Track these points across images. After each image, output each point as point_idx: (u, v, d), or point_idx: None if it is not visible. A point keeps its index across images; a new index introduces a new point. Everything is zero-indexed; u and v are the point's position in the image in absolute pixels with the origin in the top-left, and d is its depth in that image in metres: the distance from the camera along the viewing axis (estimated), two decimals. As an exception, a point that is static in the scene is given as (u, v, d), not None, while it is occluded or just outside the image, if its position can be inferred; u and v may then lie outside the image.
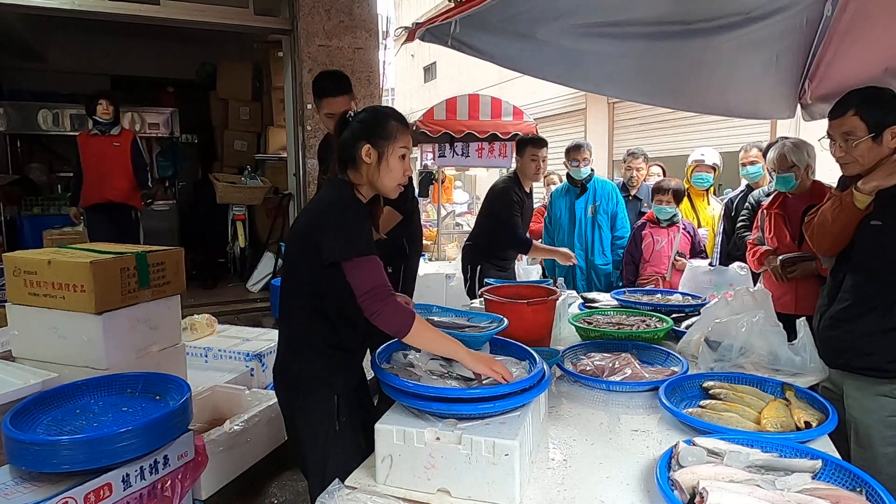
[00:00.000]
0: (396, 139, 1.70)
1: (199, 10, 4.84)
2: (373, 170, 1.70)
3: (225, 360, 3.24)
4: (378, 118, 1.73)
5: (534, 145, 3.69)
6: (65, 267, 2.18)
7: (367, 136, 1.69)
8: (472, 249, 3.95)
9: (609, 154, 11.23)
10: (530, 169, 3.70)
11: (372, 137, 1.68)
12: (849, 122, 1.90)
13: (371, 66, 5.24)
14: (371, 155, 1.68)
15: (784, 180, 2.76)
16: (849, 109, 1.91)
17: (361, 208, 1.71)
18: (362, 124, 1.71)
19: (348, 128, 1.73)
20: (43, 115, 6.28)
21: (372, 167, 1.69)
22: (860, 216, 1.89)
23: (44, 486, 1.67)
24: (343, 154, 1.73)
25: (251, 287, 5.62)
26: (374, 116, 1.74)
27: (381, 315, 1.53)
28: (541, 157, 3.68)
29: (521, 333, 1.87)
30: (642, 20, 2.51)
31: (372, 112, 1.77)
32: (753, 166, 3.78)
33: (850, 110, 1.90)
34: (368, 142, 1.68)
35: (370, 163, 1.69)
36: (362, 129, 1.70)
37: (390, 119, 1.73)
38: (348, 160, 1.72)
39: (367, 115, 1.74)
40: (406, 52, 21.47)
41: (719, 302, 2.20)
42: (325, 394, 1.72)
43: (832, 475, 1.26)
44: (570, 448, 1.52)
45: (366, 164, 1.70)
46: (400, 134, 1.71)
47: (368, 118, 1.73)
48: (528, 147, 3.69)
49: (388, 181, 1.71)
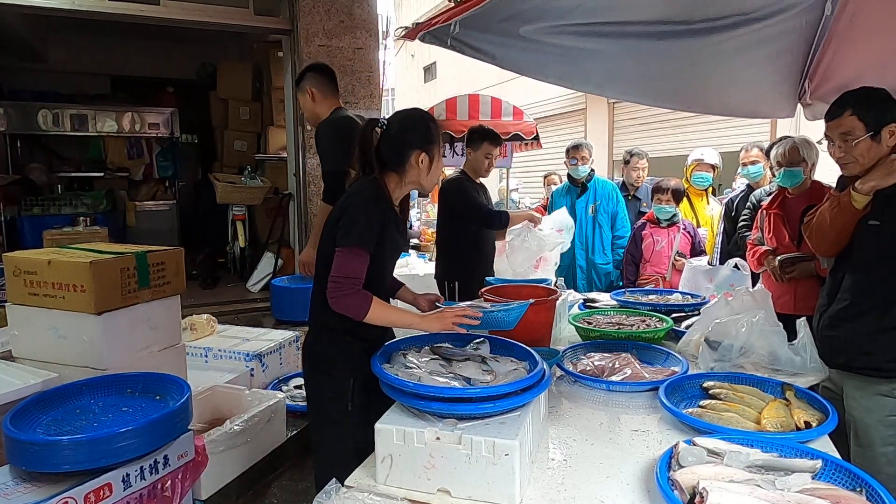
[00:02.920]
0: (439, 142, 1.83)
1: (199, 10, 4.83)
2: (422, 173, 1.81)
3: (225, 360, 3.24)
4: (423, 125, 1.83)
5: (491, 141, 3.34)
6: (65, 267, 2.17)
7: (418, 144, 1.78)
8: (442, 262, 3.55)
9: (609, 154, 11.24)
10: (482, 165, 3.36)
11: (423, 144, 1.78)
12: (847, 122, 1.91)
13: (371, 66, 5.24)
14: (423, 161, 1.79)
15: (791, 174, 2.75)
16: (846, 110, 1.91)
17: (386, 206, 1.78)
18: (409, 132, 1.80)
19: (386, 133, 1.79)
20: (43, 115, 6.27)
21: (422, 171, 1.80)
22: (858, 216, 1.90)
23: (44, 486, 1.67)
24: (388, 158, 1.80)
25: (251, 287, 5.61)
26: (418, 124, 1.83)
27: (338, 302, 1.65)
28: (494, 156, 3.38)
29: (521, 333, 1.87)
30: (642, 20, 2.51)
31: (413, 119, 1.85)
32: (754, 166, 3.78)
33: (847, 110, 1.91)
34: (423, 150, 1.78)
35: (422, 167, 1.80)
36: (411, 137, 1.79)
37: (431, 123, 1.84)
38: (395, 164, 1.80)
39: (411, 123, 1.82)
40: (406, 52, 21.47)
41: (719, 302, 2.20)
42: (341, 375, 1.79)
43: (832, 475, 1.26)
44: (570, 448, 1.52)
45: (416, 170, 1.80)
46: (439, 135, 1.83)
47: (414, 126, 1.81)
48: (485, 143, 3.34)
49: (432, 181, 1.86)
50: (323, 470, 1.90)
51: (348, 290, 1.65)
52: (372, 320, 1.67)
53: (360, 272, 1.66)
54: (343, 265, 1.66)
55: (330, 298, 1.66)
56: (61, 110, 6.37)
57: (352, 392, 1.78)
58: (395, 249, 1.88)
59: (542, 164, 11.45)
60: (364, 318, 1.66)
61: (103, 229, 5.36)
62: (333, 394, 1.81)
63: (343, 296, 1.64)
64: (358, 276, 1.66)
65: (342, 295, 1.64)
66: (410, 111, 1.93)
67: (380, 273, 1.81)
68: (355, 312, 1.66)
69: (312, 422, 1.94)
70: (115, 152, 7.18)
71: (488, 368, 1.57)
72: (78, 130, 6.47)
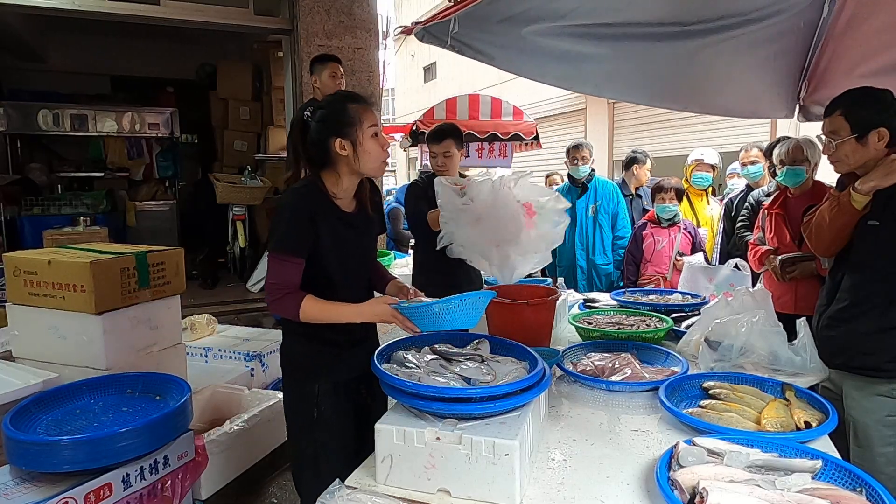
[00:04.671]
0: (362, 121, 1.69)
1: (199, 10, 4.84)
2: (352, 159, 1.70)
3: (225, 360, 3.24)
4: (337, 108, 1.71)
5: (430, 141, 2.97)
6: (65, 267, 2.17)
7: (334, 130, 1.68)
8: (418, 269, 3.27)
9: (609, 154, 11.23)
10: (434, 165, 2.99)
11: (338, 130, 1.68)
12: (835, 121, 1.92)
13: (371, 66, 5.24)
14: (345, 147, 1.68)
15: (794, 173, 2.75)
16: (837, 109, 1.93)
17: (318, 205, 1.70)
18: (325, 121, 1.70)
19: (310, 129, 1.71)
20: (43, 115, 6.27)
21: (350, 157, 1.70)
22: (858, 216, 1.90)
23: (44, 486, 1.67)
24: (315, 155, 1.72)
25: (251, 287, 5.61)
26: (332, 108, 1.72)
27: (272, 306, 1.68)
28: (441, 153, 2.90)
29: (521, 333, 1.87)
30: (641, 22, 2.51)
31: (328, 104, 1.74)
32: (754, 166, 3.78)
33: (837, 110, 1.92)
34: (338, 135, 1.68)
35: (347, 154, 1.69)
36: (326, 125, 1.69)
37: (347, 104, 1.71)
38: (323, 160, 1.72)
39: (325, 111, 1.72)
40: (406, 52, 21.48)
41: (719, 302, 2.20)
42: (305, 380, 1.80)
43: (832, 475, 1.26)
44: (570, 448, 1.52)
45: (343, 157, 1.70)
46: (363, 115, 1.70)
47: (328, 113, 1.71)
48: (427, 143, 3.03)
49: (370, 163, 1.73)
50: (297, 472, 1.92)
51: (278, 295, 1.65)
52: (309, 319, 1.66)
53: (287, 275, 1.66)
54: (271, 271, 1.67)
55: (267, 305, 1.70)
56: (61, 110, 6.36)
57: (317, 398, 1.78)
58: (348, 246, 1.78)
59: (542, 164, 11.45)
60: (300, 318, 1.65)
61: (103, 229, 5.35)
62: (299, 401, 1.81)
63: (274, 300, 1.66)
64: (286, 280, 1.66)
65: (273, 300, 1.66)
66: (330, 96, 1.82)
67: (332, 273, 1.74)
68: (288, 314, 1.67)
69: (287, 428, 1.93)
70: (115, 152, 7.18)
71: (488, 368, 1.56)
72: (78, 130, 6.46)
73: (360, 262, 1.88)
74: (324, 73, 3.72)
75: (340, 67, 3.80)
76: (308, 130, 1.71)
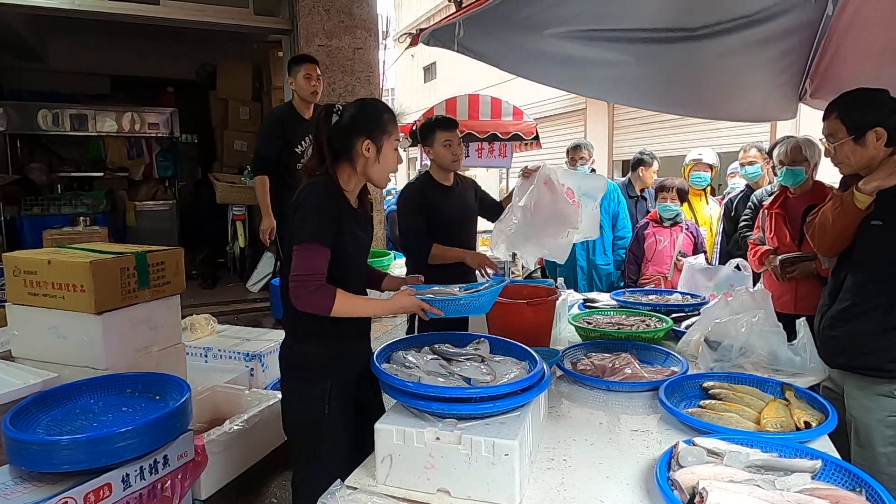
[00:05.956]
0: (391, 133, 1.75)
1: (199, 10, 4.84)
2: (370, 163, 1.74)
3: (225, 360, 3.23)
4: (372, 112, 1.75)
5: (443, 128, 2.79)
6: (64, 267, 2.17)
7: (365, 130, 1.71)
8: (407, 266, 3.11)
9: (609, 154, 11.23)
10: (446, 157, 2.78)
11: (369, 132, 1.71)
12: (832, 124, 1.93)
13: (371, 66, 5.24)
14: (370, 149, 1.72)
15: (793, 173, 2.75)
16: (833, 112, 1.93)
17: (340, 200, 1.72)
18: (357, 119, 1.72)
19: (337, 121, 1.72)
20: (43, 115, 6.27)
21: (370, 161, 1.73)
22: (861, 216, 1.89)
23: (44, 486, 1.67)
24: (337, 147, 1.74)
25: (251, 287, 5.61)
26: (368, 111, 1.76)
27: (301, 300, 1.62)
28: (455, 141, 2.77)
29: (521, 333, 1.87)
30: (646, 27, 2.51)
31: (364, 106, 1.78)
32: (752, 166, 3.78)
33: (833, 113, 1.93)
34: (368, 137, 1.71)
35: (368, 156, 1.72)
36: (358, 123, 1.72)
37: (384, 113, 1.76)
38: (342, 153, 1.74)
39: (360, 110, 1.75)
40: (406, 52, 21.47)
41: (719, 302, 2.20)
42: (315, 379, 1.76)
43: (832, 475, 1.27)
44: (569, 448, 1.52)
45: (363, 158, 1.73)
46: (393, 127, 1.76)
47: (363, 113, 1.74)
48: (437, 131, 2.80)
49: (383, 173, 1.78)
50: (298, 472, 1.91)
51: (311, 286, 1.60)
52: (339, 313, 1.63)
53: (319, 267, 1.62)
54: (301, 262, 1.61)
55: (293, 298, 1.62)
56: (61, 110, 6.37)
57: (329, 395, 1.75)
58: (359, 244, 1.81)
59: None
60: (330, 312, 1.62)
61: (103, 229, 5.35)
62: (310, 398, 1.77)
63: (306, 293, 1.60)
64: (318, 271, 1.61)
65: (305, 292, 1.60)
66: (367, 99, 1.84)
67: (347, 269, 1.75)
68: (321, 308, 1.62)
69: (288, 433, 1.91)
70: (115, 152, 7.18)
71: (488, 368, 1.56)
72: (78, 130, 6.46)
73: (365, 258, 1.93)
74: (299, 74, 3.73)
75: (317, 69, 3.78)
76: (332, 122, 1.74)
